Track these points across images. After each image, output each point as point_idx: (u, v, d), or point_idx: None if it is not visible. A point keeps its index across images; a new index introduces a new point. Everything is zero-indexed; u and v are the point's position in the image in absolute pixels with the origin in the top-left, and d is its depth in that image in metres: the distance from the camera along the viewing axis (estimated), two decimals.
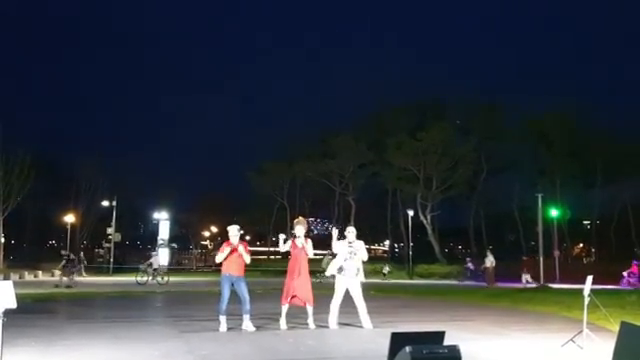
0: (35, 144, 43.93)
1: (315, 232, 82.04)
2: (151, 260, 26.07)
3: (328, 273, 9.65)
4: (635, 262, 25.78)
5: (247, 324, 8.92)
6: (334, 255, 9.86)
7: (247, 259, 9.06)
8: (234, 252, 8.97)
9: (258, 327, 9.21)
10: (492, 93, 73.49)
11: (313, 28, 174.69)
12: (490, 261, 26.61)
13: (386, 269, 35.32)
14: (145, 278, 24.98)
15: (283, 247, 9.48)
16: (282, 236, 9.67)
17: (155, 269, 25.62)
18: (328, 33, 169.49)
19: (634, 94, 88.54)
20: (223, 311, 8.84)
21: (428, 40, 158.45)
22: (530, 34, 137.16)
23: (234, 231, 9.08)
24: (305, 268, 9.24)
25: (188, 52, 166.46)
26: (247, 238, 51.72)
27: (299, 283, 9.11)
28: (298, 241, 9.27)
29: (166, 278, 25.28)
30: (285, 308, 9.18)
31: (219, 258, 9.08)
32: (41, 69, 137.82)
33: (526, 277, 27.79)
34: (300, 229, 9.39)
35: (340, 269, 9.28)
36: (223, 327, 8.81)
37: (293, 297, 9.12)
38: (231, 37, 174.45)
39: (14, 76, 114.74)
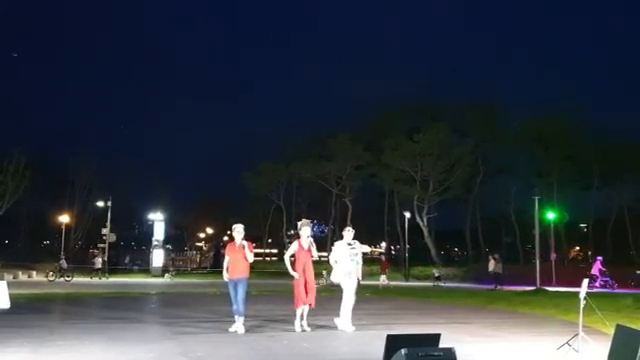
0: (30, 144, 43.78)
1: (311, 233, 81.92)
2: None
3: (335, 280, 9.50)
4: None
5: (238, 325, 8.88)
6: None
7: (250, 257, 9.07)
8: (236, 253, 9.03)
9: (253, 329, 9.17)
10: (489, 94, 73.41)
11: (311, 28, 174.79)
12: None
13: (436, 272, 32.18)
14: None
15: (290, 250, 9.38)
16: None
17: None
18: (327, 34, 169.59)
19: (632, 96, 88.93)
20: (234, 312, 8.95)
21: (428, 41, 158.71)
22: (528, 35, 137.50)
23: (239, 228, 9.13)
24: (312, 269, 9.25)
25: (185, 52, 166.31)
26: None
27: (310, 285, 9.10)
28: (305, 242, 9.22)
29: None
30: (300, 311, 9.07)
31: (225, 264, 9.20)
32: (38, 69, 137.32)
33: (383, 277, 27.33)
34: (307, 230, 9.36)
35: (346, 273, 9.24)
36: (233, 327, 8.89)
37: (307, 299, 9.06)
38: (230, 37, 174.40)
39: (10, 76, 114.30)
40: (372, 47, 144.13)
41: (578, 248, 65.56)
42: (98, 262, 36.43)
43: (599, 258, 28.04)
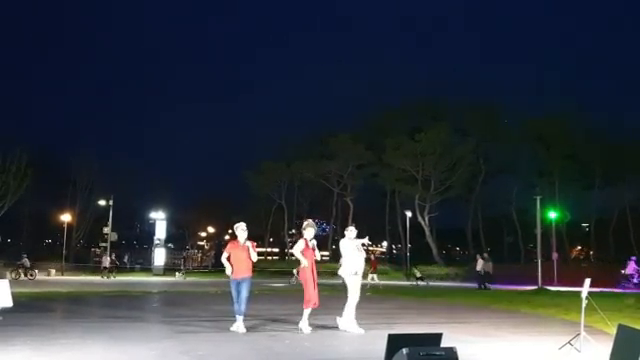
0: (31, 144, 43.83)
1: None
2: None
3: (344, 275, 9.41)
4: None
5: (239, 325, 8.87)
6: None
7: (254, 257, 9.10)
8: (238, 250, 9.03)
9: (254, 328, 9.17)
10: (489, 94, 73.51)
11: (311, 28, 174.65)
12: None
13: (418, 273, 33.45)
14: None
15: (299, 246, 9.23)
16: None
17: None
18: (327, 33, 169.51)
19: (633, 95, 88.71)
20: (236, 311, 8.94)
21: (428, 41, 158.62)
22: (528, 35, 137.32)
23: (243, 227, 9.13)
24: (315, 270, 9.24)
25: (185, 52, 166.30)
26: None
27: (315, 285, 9.07)
28: (310, 243, 9.21)
29: None
30: (308, 311, 9.00)
31: (224, 258, 9.17)
32: (40, 69, 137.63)
33: (372, 276, 26.76)
34: (311, 232, 9.32)
35: (353, 270, 9.21)
36: (234, 326, 8.89)
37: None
38: (230, 37, 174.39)
39: (12, 75, 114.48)
40: (372, 47, 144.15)
41: (580, 247, 65.51)
42: (106, 261, 36.37)
43: (633, 258, 27.75)
